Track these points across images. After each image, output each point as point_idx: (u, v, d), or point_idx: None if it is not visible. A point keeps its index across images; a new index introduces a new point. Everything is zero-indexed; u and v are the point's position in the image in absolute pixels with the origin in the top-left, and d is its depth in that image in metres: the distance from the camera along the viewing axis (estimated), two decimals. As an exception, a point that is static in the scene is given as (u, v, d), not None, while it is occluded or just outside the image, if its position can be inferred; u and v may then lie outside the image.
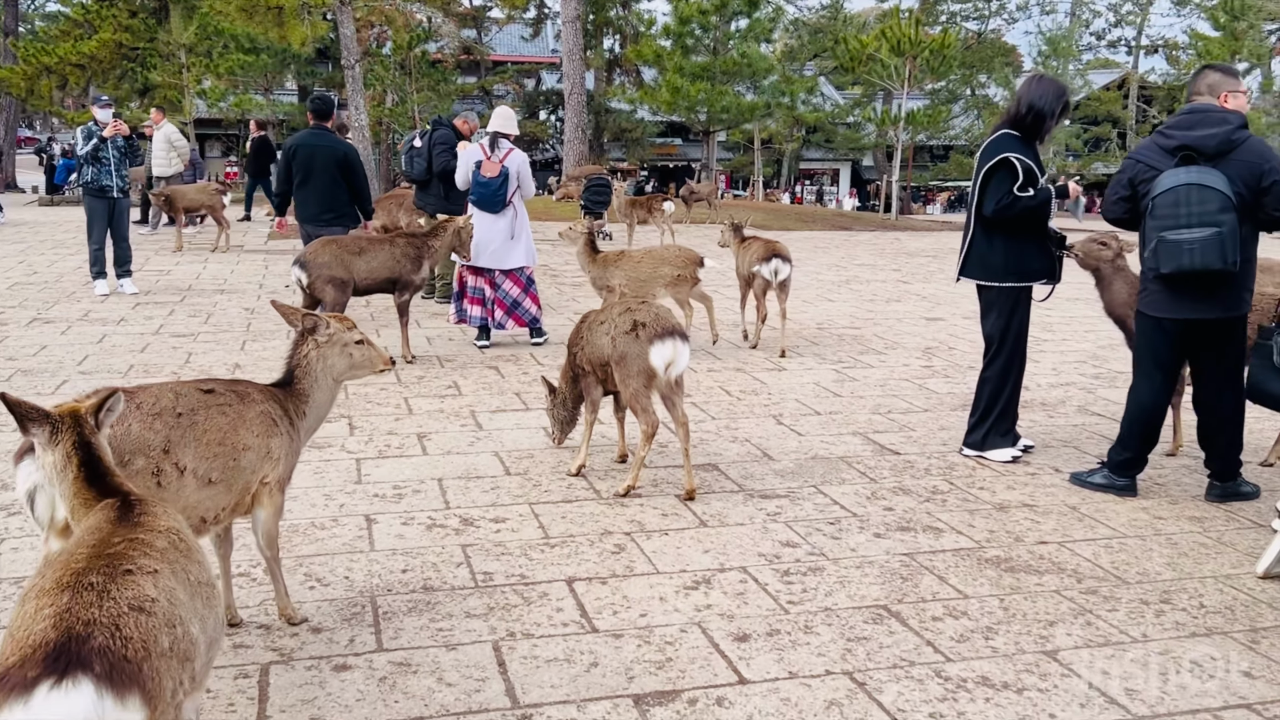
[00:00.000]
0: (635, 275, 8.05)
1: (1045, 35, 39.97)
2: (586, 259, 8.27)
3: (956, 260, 5.59)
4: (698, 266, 8.08)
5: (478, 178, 8.03)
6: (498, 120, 8.20)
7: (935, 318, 10.25)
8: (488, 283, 8.20)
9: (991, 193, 5.15)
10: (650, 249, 8.36)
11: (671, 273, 8.03)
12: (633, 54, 29.60)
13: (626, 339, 4.70)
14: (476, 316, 8.25)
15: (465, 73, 47.76)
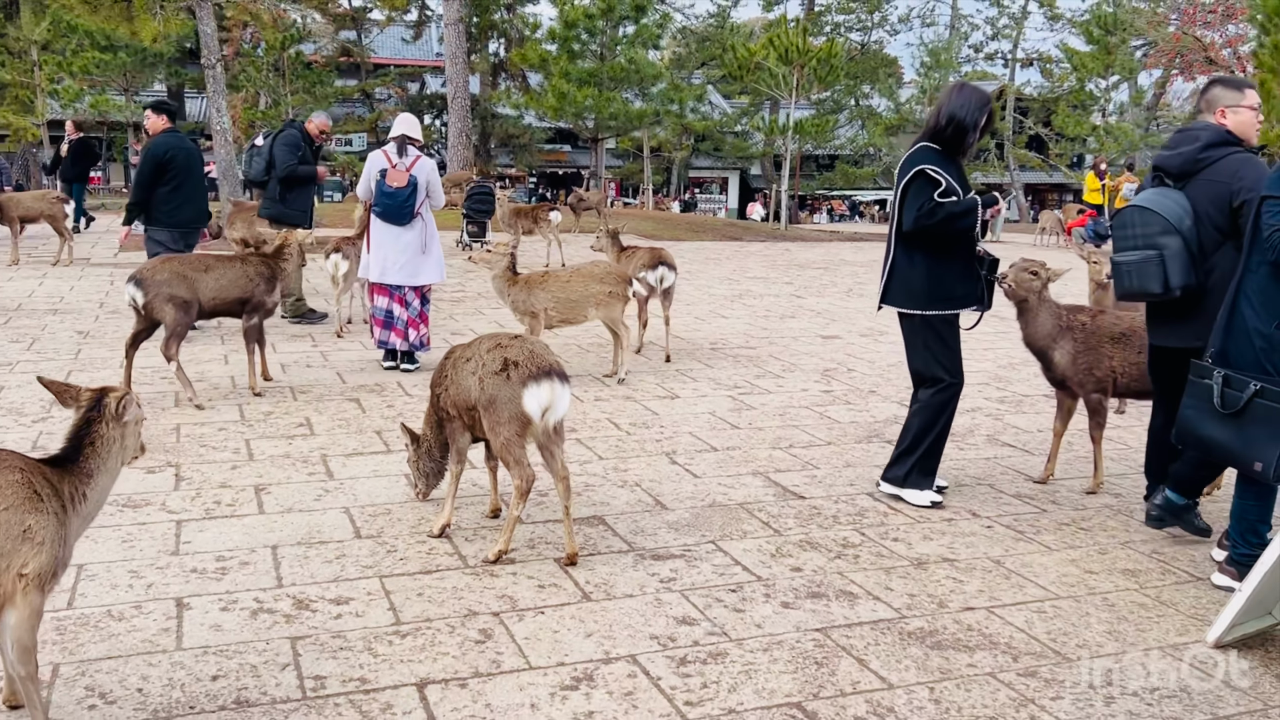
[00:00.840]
0: (564, 297, 7.38)
1: (928, 47, 40.61)
2: (505, 282, 7.57)
3: (878, 286, 5.09)
4: (628, 285, 7.46)
5: (383, 188, 7.35)
6: (403, 125, 7.53)
7: (831, 335, 9.84)
8: (398, 301, 7.52)
9: (910, 204, 4.67)
10: (578, 268, 7.69)
11: (603, 292, 7.37)
12: (517, 58, 28.87)
13: (496, 380, 4.05)
14: (384, 340, 7.58)
15: (345, 75, 46.26)
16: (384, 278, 7.47)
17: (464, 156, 30.80)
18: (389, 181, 7.35)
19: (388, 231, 7.44)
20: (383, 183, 7.35)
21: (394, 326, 7.54)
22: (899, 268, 4.87)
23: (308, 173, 9.26)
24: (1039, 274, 5.21)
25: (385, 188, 7.34)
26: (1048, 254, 19.93)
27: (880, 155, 47.93)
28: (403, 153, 7.45)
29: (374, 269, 7.49)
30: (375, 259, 7.48)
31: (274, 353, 8.04)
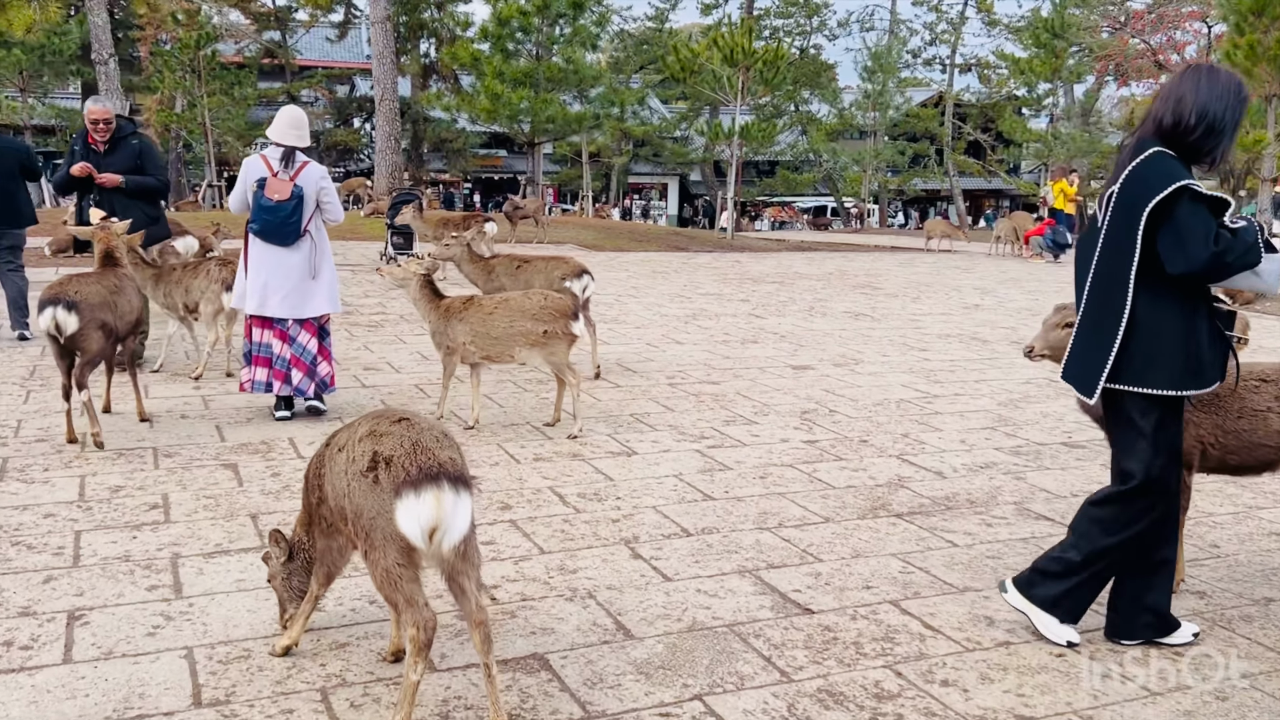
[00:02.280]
0: (485, 332, 6.13)
1: (871, 50, 39.97)
2: (426, 305, 6.32)
3: (1104, 363, 3.37)
4: (571, 320, 6.17)
5: (261, 201, 6.07)
6: (284, 127, 6.17)
7: (802, 365, 8.68)
8: (279, 336, 6.22)
9: (1189, 237, 3.17)
10: (508, 297, 6.38)
11: (534, 330, 6.10)
12: (448, 57, 27.47)
13: (362, 486, 2.83)
14: (261, 382, 6.25)
15: (270, 77, 44.35)
16: (263, 309, 6.17)
17: (393, 161, 29.28)
18: (269, 194, 6.07)
19: (268, 253, 6.15)
20: (261, 195, 6.07)
21: (274, 368, 6.25)
22: (1144, 330, 3.34)
23: (60, 181, 7.66)
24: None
25: (264, 201, 6.07)
26: (1006, 265, 19.06)
27: (820, 161, 47.29)
28: (288, 160, 6.17)
29: (252, 298, 6.19)
30: (254, 286, 6.18)
31: (146, 397, 6.65)
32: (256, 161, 6.16)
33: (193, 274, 7.32)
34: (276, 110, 6.47)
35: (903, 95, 47.08)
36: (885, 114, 41.50)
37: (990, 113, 51.99)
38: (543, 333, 6.07)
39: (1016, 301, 13.77)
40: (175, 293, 7.31)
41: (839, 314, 11.95)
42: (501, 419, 6.44)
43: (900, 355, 9.30)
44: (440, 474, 2.74)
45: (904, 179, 48.09)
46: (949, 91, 49.93)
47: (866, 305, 12.86)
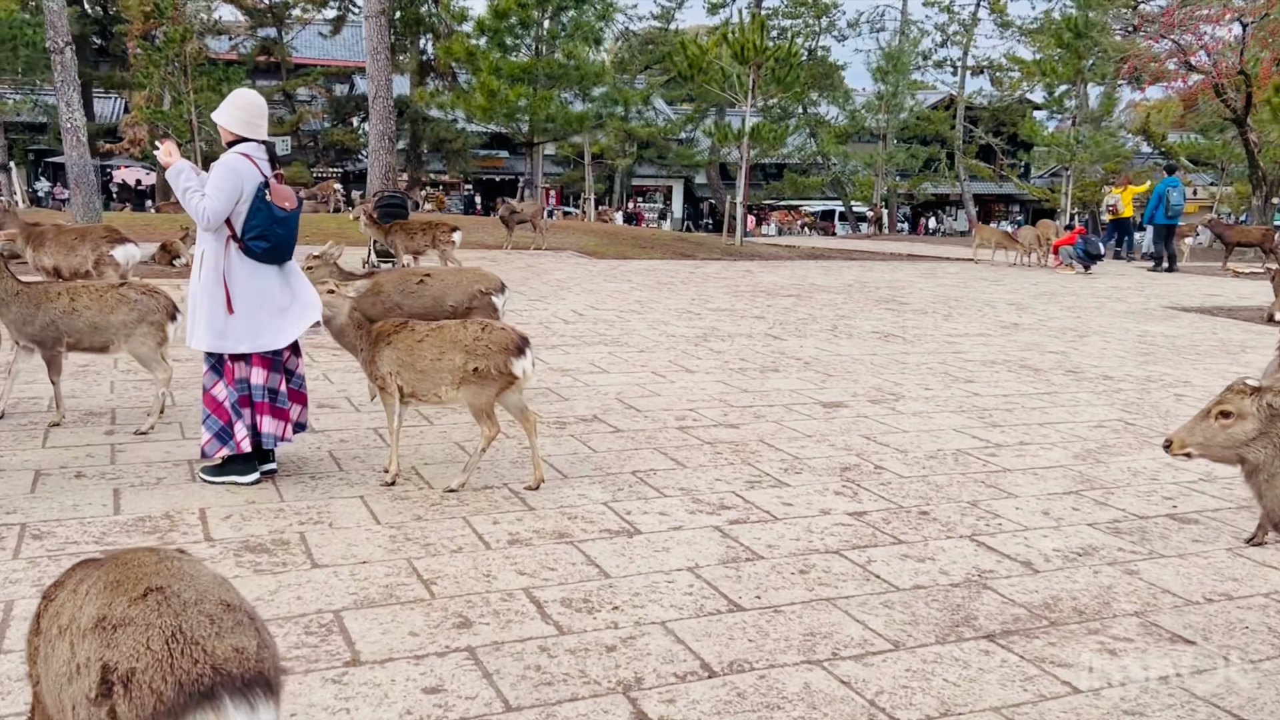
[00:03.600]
0: (411, 363, 4.96)
1: (885, 51, 38.76)
2: (353, 330, 5.19)
3: None
4: (512, 356, 4.95)
5: (275, 212, 4.92)
6: (256, 118, 4.98)
7: (833, 402, 7.44)
8: (277, 369, 5.17)
9: None
10: (442, 325, 5.17)
11: (462, 365, 4.91)
12: (443, 52, 26.26)
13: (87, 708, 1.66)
14: (274, 435, 5.08)
15: (264, 75, 43.20)
16: (279, 340, 5.02)
17: (386, 162, 28.02)
18: (279, 201, 4.92)
19: (267, 278, 5.00)
20: (273, 205, 4.89)
21: (279, 408, 5.10)
22: None
23: None
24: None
25: (278, 212, 4.93)
26: (1035, 276, 17.68)
27: (829, 164, 46.08)
28: (273, 161, 5.05)
29: (250, 331, 4.96)
30: (249, 317, 4.95)
31: (43, 445, 5.43)
32: (244, 164, 4.89)
33: (98, 301, 5.67)
34: (271, 109, 5.27)
35: (913, 98, 45.88)
36: (897, 116, 40.27)
37: (1002, 116, 50.90)
38: (473, 370, 4.89)
39: (1058, 319, 12.53)
40: (67, 323, 5.63)
41: (866, 334, 10.71)
42: (473, 479, 5.21)
43: (944, 388, 8.06)
44: (218, 686, 1.54)
45: (914, 183, 46.87)
46: (960, 94, 48.73)
47: (895, 323, 11.62)
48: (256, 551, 4.17)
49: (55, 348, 5.65)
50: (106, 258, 8.13)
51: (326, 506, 4.75)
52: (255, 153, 4.95)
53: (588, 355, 8.87)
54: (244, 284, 4.93)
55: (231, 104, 4.96)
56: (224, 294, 4.90)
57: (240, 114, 4.94)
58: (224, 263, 4.92)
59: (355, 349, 5.21)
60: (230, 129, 4.93)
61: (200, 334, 4.92)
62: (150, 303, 5.73)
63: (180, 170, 4.86)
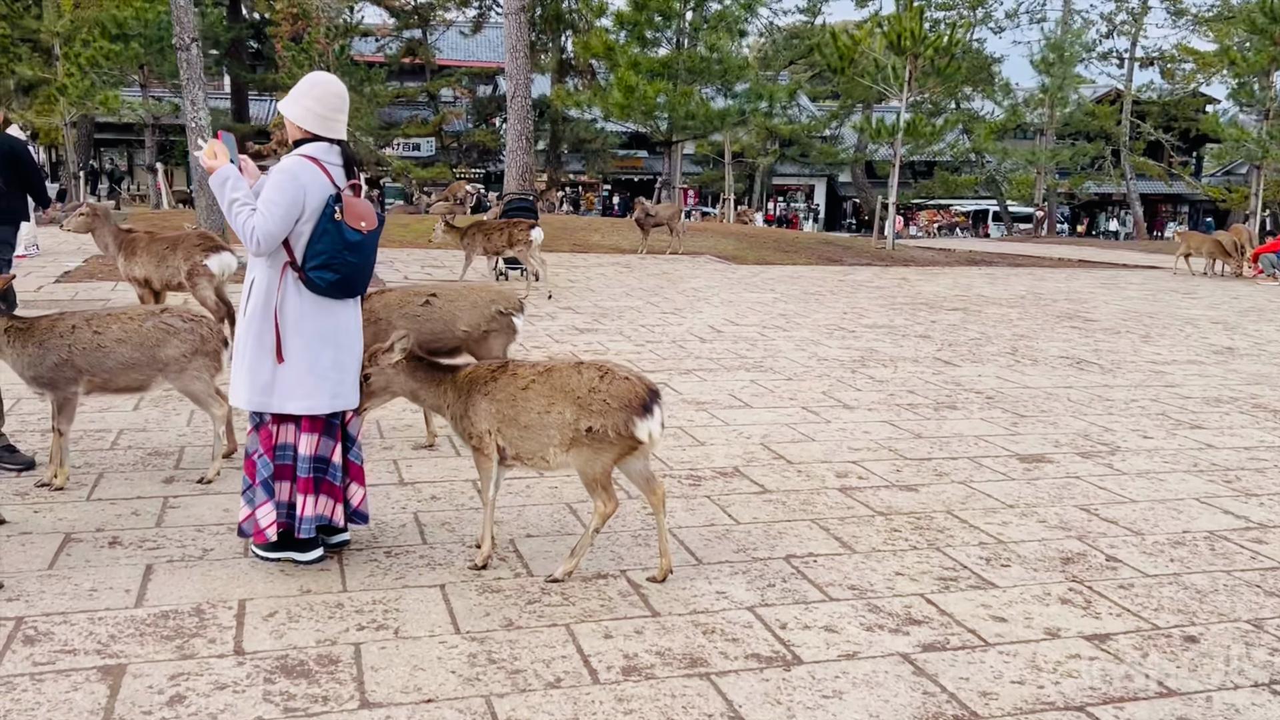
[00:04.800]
0: (515, 418, 4.00)
1: (1048, 41, 36.24)
2: (426, 384, 4.24)
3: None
4: (636, 414, 3.77)
5: (347, 234, 3.80)
6: (332, 109, 3.90)
7: (1034, 456, 6.05)
8: (332, 436, 4.02)
9: None
10: (550, 368, 3.98)
11: (574, 422, 3.83)
12: (580, 47, 25.47)
13: None
14: (312, 517, 3.93)
15: (409, 76, 43.54)
16: (340, 400, 3.94)
17: (524, 163, 27.43)
18: (353, 221, 3.82)
19: (331, 318, 3.91)
20: (344, 224, 3.80)
21: (329, 484, 3.99)
22: None
23: None
24: None
25: (351, 234, 3.81)
26: (1232, 288, 15.31)
27: (984, 161, 43.57)
28: (351, 167, 3.97)
29: (304, 387, 3.85)
30: (304, 369, 3.85)
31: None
32: (310, 171, 3.81)
33: (135, 334, 4.68)
34: (415, 110, 4.22)
35: (1075, 91, 42.96)
36: (1061, 110, 37.63)
37: (1173, 110, 47.23)
38: (586, 429, 3.78)
39: (1278, 342, 10.70)
40: (91, 360, 4.66)
41: (1053, 359, 9.20)
42: (583, 561, 4.11)
43: (1166, 436, 6.57)
44: None
45: (1075, 182, 43.90)
46: (1128, 87, 45.40)
47: (1086, 346, 10.04)
48: (294, 676, 3.16)
49: (69, 389, 4.66)
50: (200, 268, 7.39)
51: (396, 602, 3.72)
52: (326, 156, 3.88)
53: (726, 383, 7.69)
54: (301, 325, 3.84)
55: (303, 92, 3.90)
56: (274, 337, 3.83)
57: (313, 105, 3.86)
58: (277, 297, 3.84)
59: (440, 408, 4.16)
60: (299, 124, 3.88)
61: (240, 387, 3.88)
62: (200, 330, 4.81)
63: (226, 177, 3.81)
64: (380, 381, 4.07)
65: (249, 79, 41.59)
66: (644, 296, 12.49)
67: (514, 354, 6.06)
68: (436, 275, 13.31)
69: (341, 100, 3.91)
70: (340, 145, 3.95)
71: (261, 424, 3.92)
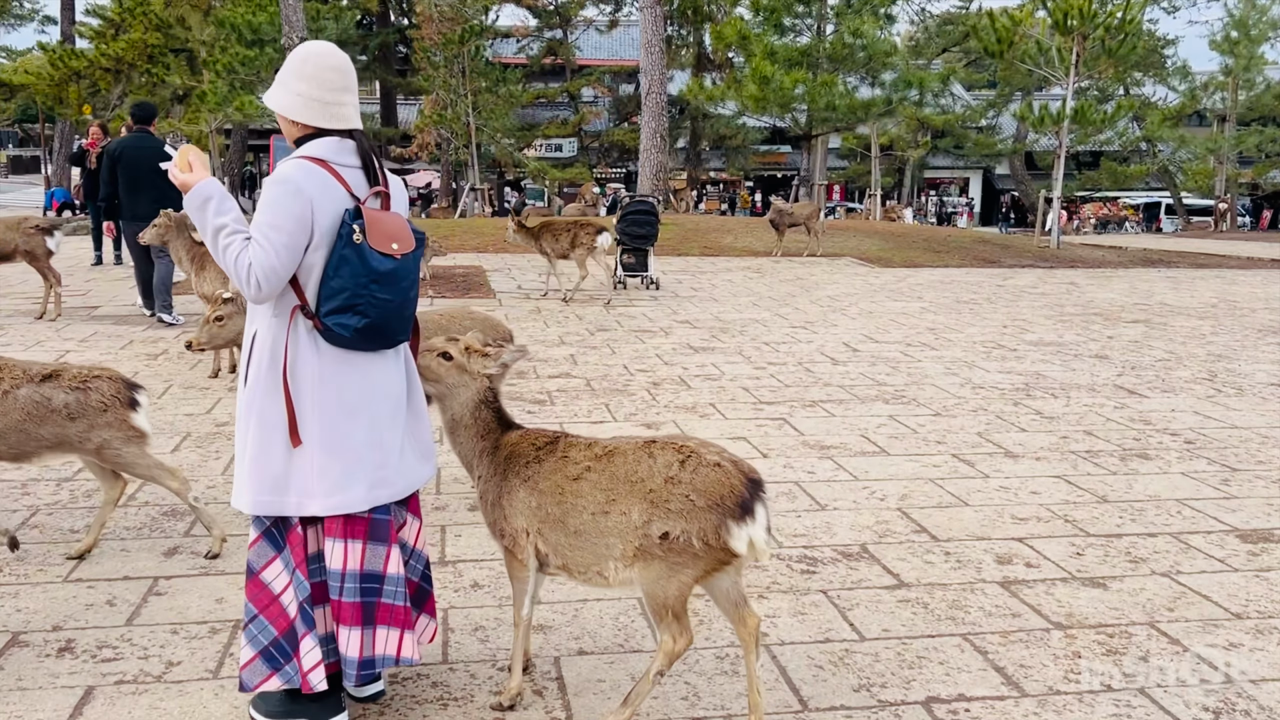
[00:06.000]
0: (562, 517, 2.97)
1: (1233, 18, 33.11)
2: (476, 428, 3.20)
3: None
4: (731, 516, 2.66)
5: (371, 259, 2.73)
6: (308, 85, 2.81)
7: (1259, 532, 4.67)
8: (384, 538, 2.90)
9: None
10: (613, 447, 3.05)
11: (642, 526, 2.76)
12: (714, 36, 24.37)
13: None
14: (371, 658, 2.85)
15: (551, 77, 43.35)
16: (377, 493, 2.84)
17: (658, 161, 26.54)
18: (381, 243, 2.76)
19: (358, 374, 2.83)
20: (370, 250, 2.74)
21: (390, 607, 2.88)
22: None
23: None
24: None
25: (377, 261, 2.75)
26: None
27: (1155, 151, 40.33)
28: (373, 168, 2.87)
29: (330, 478, 2.78)
30: (330, 452, 2.78)
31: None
32: (315, 177, 2.74)
33: (29, 393, 3.90)
34: (555, 110, 3.27)
35: (1260, 73, 39.30)
36: (1249, 92, 34.35)
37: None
38: (660, 536, 2.72)
39: None
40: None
41: (1263, 388, 7.63)
42: (643, 707, 3.04)
43: None
44: None
45: (1259, 170, 40.16)
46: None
47: (1301, 370, 8.38)
48: None
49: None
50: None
51: (381, 763, 2.75)
52: (337, 156, 2.80)
53: (859, 419, 6.50)
54: (322, 391, 2.77)
55: (292, 73, 2.82)
56: (284, 410, 2.76)
57: (307, 88, 2.79)
58: (286, 356, 2.77)
59: (471, 464, 3.17)
60: (292, 116, 2.84)
61: (243, 483, 2.83)
62: (96, 395, 3.91)
63: (208, 196, 2.77)
64: (441, 378, 3.08)
65: (396, 84, 42.14)
66: (772, 307, 11.32)
67: (570, 418, 5.03)
68: (551, 283, 12.46)
69: (343, 75, 2.84)
70: (354, 138, 2.85)
71: (280, 530, 2.86)
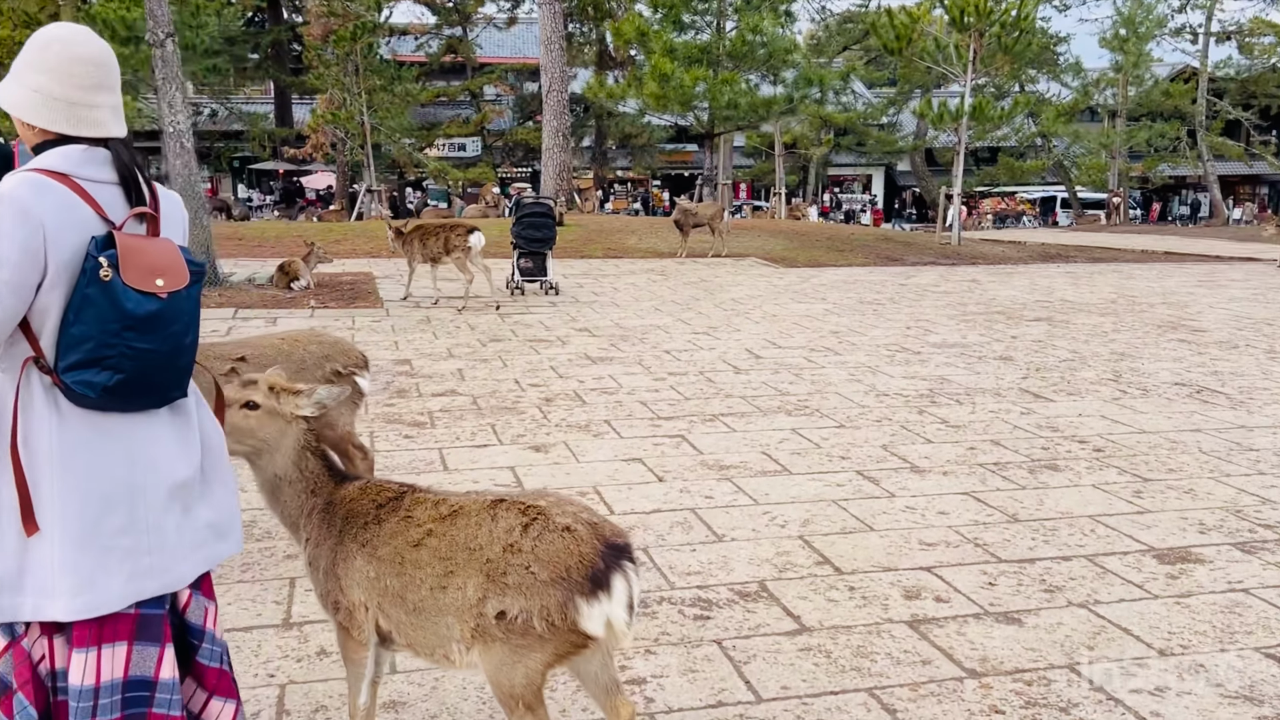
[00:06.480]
0: (401, 591, 2.54)
1: (1122, 16, 33.99)
2: (300, 483, 2.70)
3: None
4: (581, 592, 2.21)
5: (127, 304, 2.03)
6: (50, 79, 2.07)
7: (1175, 551, 4.42)
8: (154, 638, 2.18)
9: None
10: (458, 505, 2.52)
11: (477, 603, 2.34)
12: (612, 32, 24.02)
13: None
14: None
15: (452, 74, 42.47)
16: (140, 586, 2.11)
17: (562, 161, 26.05)
18: (140, 279, 2.05)
19: (113, 442, 2.10)
20: (119, 287, 2.02)
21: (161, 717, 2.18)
22: None
23: None
24: None
25: (134, 301, 2.04)
26: None
27: (1050, 146, 41.32)
28: (135, 183, 2.16)
29: (77, 572, 2.04)
30: (71, 544, 2.04)
31: None
32: (52, 196, 2.03)
33: None
34: (458, 110, 2.89)
35: (1147, 71, 40.55)
36: (1138, 88, 35.31)
37: (1252, 87, 44.49)
38: (497, 615, 2.30)
39: None
40: None
41: (1168, 388, 7.50)
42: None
43: (1351, 510, 4.88)
44: None
45: (1149, 164, 41.40)
46: (1204, 64, 42.72)
47: (1202, 368, 8.30)
48: None
49: None
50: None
51: None
52: (83, 168, 2.12)
53: (760, 434, 6.14)
54: (64, 466, 2.08)
55: (29, 64, 2.13)
56: (14, 489, 2.06)
57: (48, 83, 2.10)
58: (17, 420, 2.08)
59: (297, 526, 2.68)
60: (25, 116, 2.12)
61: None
62: None
63: None
64: (254, 433, 2.57)
65: (291, 83, 40.76)
66: (675, 312, 10.96)
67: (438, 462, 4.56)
68: (447, 289, 11.91)
69: (98, 70, 2.13)
70: (111, 147, 2.16)
71: (13, 639, 2.17)
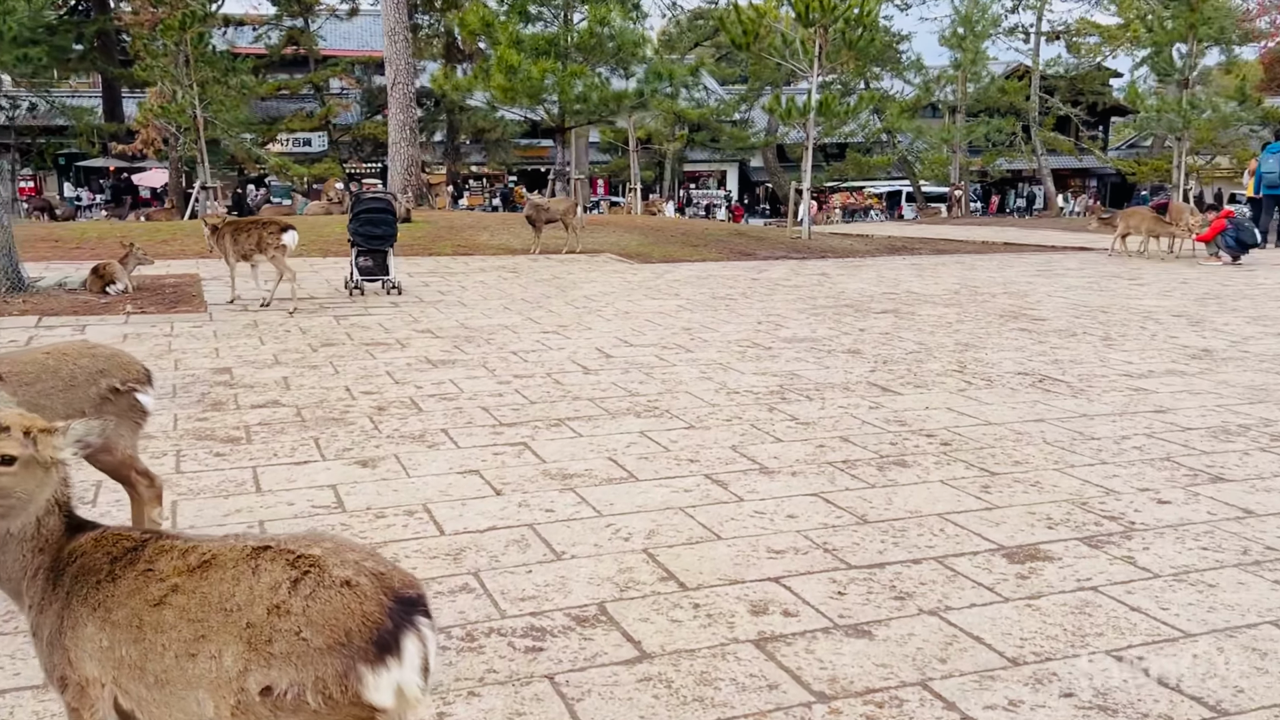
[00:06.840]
0: (140, 661, 2.09)
1: (959, 15, 35.19)
2: (27, 539, 2.23)
3: None
4: (366, 660, 1.86)
5: None
6: None
7: (1024, 549, 4.34)
8: None
9: None
10: (213, 555, 2.11)
11: (239, 674, 1.92)
12: (457, 23, 23.44)
13: None
14: None
15: (294, 67, 40.81)
16: None
17: (410, 155, 25.28)
18: None
19: None
20: None
21: None
22: None
23: None
24: None
25: None
26: (1177, 270, 13.67)
27: (895, 142, 42.62)
28: None
29: None
30: None
31: None
32: None
33: None
34: (302, 104, 2.31)
35: (984, 68, 42.25)
36: (976, 85, 36.65)
37: (1080, 85, 46.93)
38: (261, 691, 1.93)
39: (1260, 340, 9.25)
40: None
41: (1011, 378, 7.58)
42: None
43: (1187, 500, 4.92)
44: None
45: (987, 159, 43.17)
46: (1036, 62, 44.79)
47: (1041, 355, 8.45)
48: None
49: None
50: None
51: None
52: None
53: (607, 438, 5.86)
54: None
55: None
56: None
57: None
58: None
59: (19, 590, 2.24)
60: None
61: None
62: None
63: None
64: (11, 492, 2.11)
65: (119, 75, 38.34)
66: (525, 310, 10.59)
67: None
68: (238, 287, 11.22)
69: None
70: None
71: None
